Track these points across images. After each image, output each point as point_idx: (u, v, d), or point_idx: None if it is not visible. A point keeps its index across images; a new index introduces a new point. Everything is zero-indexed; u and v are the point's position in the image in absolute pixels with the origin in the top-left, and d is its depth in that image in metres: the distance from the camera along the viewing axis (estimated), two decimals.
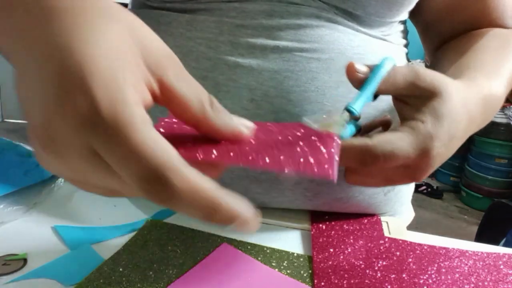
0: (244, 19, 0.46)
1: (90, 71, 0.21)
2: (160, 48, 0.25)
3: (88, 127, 0.21)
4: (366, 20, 0.50)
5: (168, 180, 0.21)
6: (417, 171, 0.36)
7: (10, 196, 0.49)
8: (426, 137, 0.34)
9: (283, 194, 0.50)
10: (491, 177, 2.65)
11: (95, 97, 0.21)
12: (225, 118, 0.27)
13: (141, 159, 0.21)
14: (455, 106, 0.36)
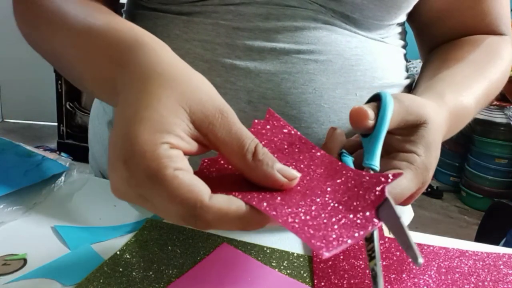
0: (241, 22, 0.46)
1: (135, 144, 0.28)
2: (208, 106, 0.30)
3: (132, 185, 0.28)
4: (364, 23, 0.49)
5: (199, 215, 0.27)
6: (409, 199, 0.39)
7: (10, 196, 0.49)
8: (423, 170, 0.37)
9: None
10: (491, 177, 2.65)
11: (133, 164, 0.28)
12: (265, 168, 0.30)
13: (177, 203, 0.27)
14: (436, 132, 0.39)
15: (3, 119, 3.22)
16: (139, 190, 0.28)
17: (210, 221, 0.27)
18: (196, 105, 0.29)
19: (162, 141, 0.27)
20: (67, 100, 2.68)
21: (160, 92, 0.29)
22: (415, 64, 3.10)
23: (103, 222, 0.48)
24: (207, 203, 0.27)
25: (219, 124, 0.30)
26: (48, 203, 0.51)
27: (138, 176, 0.27)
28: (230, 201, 0.28)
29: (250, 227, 0.28)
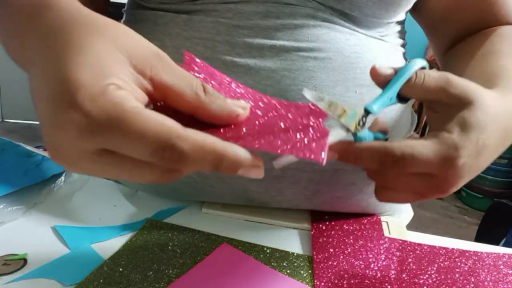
0: (240, 19, 0.46)
1: (78, 87, 0.25)
2: (146, 50, 0.28)
3: (87, 135, 0.25)
4: (362, 21, 0.49)
5: (175, 145, 0.25)
6: (444, 183, 0.35)
7: (10, 196, 0.49)
8: (450, 146, 0.33)
9: (282, 193, 0.50)
10: (491, 177, 2.65)
11: (85, 108, 0.24)
12: (219, 102, 0.29)
13: (148, 138, 0.24)
14: (486, 117, 0.35)
15: (3, 119, 3.22)
16: (98, 139, 0.25)
17: (185, 151, 0.25)
18: (133, 49, 0.28)
19: (107, 82, 0.25)
20: None
21: (90, 38, 0.27)
22: None
23: (103, 222, 0.48)
24: (183, 132, 0.25)
25: (162, 67, 0.28)
26: (48, 203, 0.51)
27: (95, 121, 0.24)
28: (206, 135, 0.26)
29: (225, 164, 0.26)
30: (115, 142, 0.25)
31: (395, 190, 0.36)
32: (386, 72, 0.36)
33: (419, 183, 0.35)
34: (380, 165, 0.33)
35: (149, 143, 0.25)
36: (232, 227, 0.49)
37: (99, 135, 0.25)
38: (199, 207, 0.52)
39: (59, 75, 0.25)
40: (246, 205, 0.52)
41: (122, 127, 0.24)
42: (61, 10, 0.30)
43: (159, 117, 0.25)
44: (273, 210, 0.52)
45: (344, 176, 0.49)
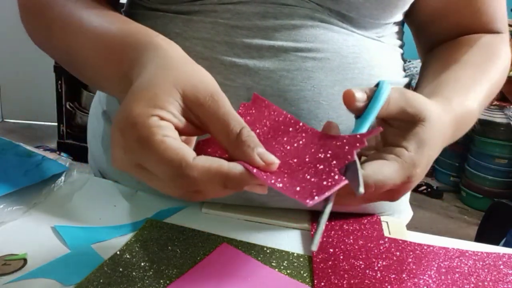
0: (239, 20, 0.46)
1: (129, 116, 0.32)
2: (199, 90, 0.33)
3: (127, 152, 0.32)
4: (360, 22, 0.50)
5: (185, 174, 0.30)
6: (396, 194, 0.39)
7: (10, 196, 0.49)
8: (410, 165, 0.37)
9: (281, 194, 0.50)
10: (491, 177, 2.64)
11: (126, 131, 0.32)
12: (245, 150, 0.32)
13: (163, 163, 0.30)
14: (434, 132, 0.39)
15: (3, 119, 3.22)
16: (133, 156, 0.32)
17: (196, 178, 0.30)
18: (189, 88, 0.33)
19: (152, 114, 0.31)
20: (67, 100, 2.67)
21: (159, 77, 0.34)
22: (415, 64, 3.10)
23: (103, 222, 0.48)
24: (190, 161, 0.30)
25: (209, 106, 0.33)
26: (48, 203, 0.51)
27: (131, 142, 0.31)
28: (212, 160, 0.31)
29: (231, 184, 0.31)
30: (144, 162, 0.32)
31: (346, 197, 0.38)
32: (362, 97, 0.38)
33: (377, 196, 0.39)
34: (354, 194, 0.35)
35: (166, 168, 0.30)
36: (232, 227, 0.49)
37: (132, 153, 0.32)
38: (199, 207, 0.52)
39: (126, 104, 0.33)
40: (246, 205, 0.52)
41: (147, 151, 0.31)
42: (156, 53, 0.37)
43: (179, 147, 0.31)
44: (273, 210, 0.52)
45: None
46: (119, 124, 0.32)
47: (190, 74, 0.34)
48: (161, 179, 0.32)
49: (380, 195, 0.39)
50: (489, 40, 0.56)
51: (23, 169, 0.54)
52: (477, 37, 0.56)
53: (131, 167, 0.33)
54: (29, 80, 3.04)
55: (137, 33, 0.40)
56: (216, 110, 0.33)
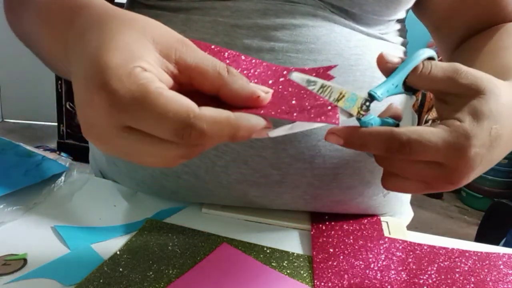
0: (239, 18, 0.46)
1: (107, 69, 0.27)
2: (170, 37, 0.30)
3: (114, 112, 0.27)
4: (363, 18, 0.49)
5: (194, 123, 0.27)
6: (454, 173, 0.34)
7: (10, 196, 0.49)
8: (460, 135, 0.32)
9: (281, 197, 0.50)
10: (491, 177, 2.64)
11: (112, 87, 0.27)
12: (241, 82, 0.30)
13: (169, 117, 0.26)
14: (499, 106, 0.33)
15: (3, 119, 3.22)
16: (124, 116, 0.27)
17: (205, 129, 0.27)
18: (159, 36, 0.30)
19: (134, 65, 0.27)
20: (67, 100, 2.67)
21: (121, 28, 0.30)
22: None
23: (103, 222, 0.48)
24: (199, 112, 0.27)
25: (186, 51, 0.30)
26: (48, 203, 0.51)
27: (121, 100, 0.27)
28: (218, 110, 0.28)
29: (241, 131, 0.29)
30: (139, 120, 0.27)
31: (403, 178, 0.35)
32: (393, 60, 0.35)
33: (428, 172, 0.34)
34: (386, 151, 0.33)
35: (169, 122, 0.27)
36: (232, 227, 0.49)
37: (125, 112, 0.27)
38: (199, 207, 0.52)
39: (93, 59, 0.28)
40: (246, 207, 0.52)
41: (145, 106, 0.26)
42: (97, 8, 0.33)
43: (179, 98, 0.27)
44: (273, 210, 0.52)
45: (344, 180, 0.49)
46: (95, 80, 0.27)
47: (152, 23, 0.31)
48: (155, 140, 0.28)
49: (435, 174, 0.34)
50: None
51: (23, 169, 0.54)
52: (507, 25, 0.53)
53: (114, 131, 0.28)
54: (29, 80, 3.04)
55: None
56: (195, 53, 0.30)
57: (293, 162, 0.47)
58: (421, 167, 0.34)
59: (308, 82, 0.32)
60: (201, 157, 0.47)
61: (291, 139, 0.46)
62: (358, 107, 0.33)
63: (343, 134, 0.34)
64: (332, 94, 0.32)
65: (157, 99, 0.26)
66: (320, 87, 0.32)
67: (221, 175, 0.48)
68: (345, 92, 0.33)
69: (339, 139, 0.33)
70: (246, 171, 0.47)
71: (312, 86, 0.32)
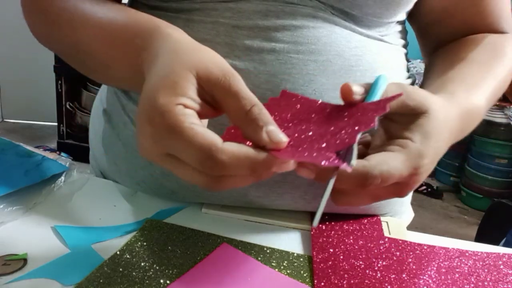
0: (240, 19, 0.46)
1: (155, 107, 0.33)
2: (211, 71, 0.34)
3: (158, 142, 0.33)
4: (363, 20, 0.49)
5: (215, 156, 0.31)
6: (404, 188, 0.38)
7: (10, 196, 0.49)
8: (416, 156, 0.36)
9: (282, 198, 0.50)
10: (491, 177, 2.64)
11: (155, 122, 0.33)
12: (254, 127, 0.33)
13: (194, 148, 0.31)
14: (439, 124, 0.38)
15: (3, 119, 3.22)
16: (162, 143, 0.33)
17: (225, 161, 0.31)
18: (202, 69, 0.34)
19: (177, 103, 0.32)
20: (67, 100, 2.67)
21: (174, 63, 0.35)
22: (415, 64, 3.09)
23: (103, 222, 0.48)
24: (220, 145, 0.31)
25: (222, 84, 0.34)
26: (48, 203, 0.51)
27: (161, 131, 0.32)
28: (240, 145, 0.32)
29: (260, 167, 0.32)
30: (174, 149, 0.33)
31: (354, 195, 0.39)
32: (359, 91, 0.38)
33: (380, 190, 0.38)
34: (359, 186, 0.36)
35: (195, 152, 0.31)
36: (232, 227, 0.49)
37: (161, 142, 0.33)
38: (199, 207, 0.52)
39: (148, 95, 0.34)
40: (246, 207, 0.52)
41: (177, 137, 0.32)
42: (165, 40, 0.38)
43: (207, 133, 0.32)
44: (273, 210, 0.52)
45: None
46: (147, 114, 0.33)
47: (201, 56, 0.35)
48: (188, 167, 0.33)
49: (388, 191, 0.38)
50: (495, 39, 0.55)
51: (23, 169, 0.54)
52: (482, 36, 0.56)
53: (159, 156, 0.34)
54: (29, 80, 3.04)
55: (142, 21, 0.41)
56: (229, 88, 0.33)
57: None
58: (379, 189, 0.37)
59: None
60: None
61: None
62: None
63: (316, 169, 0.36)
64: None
65: (188, 132, 0.31)
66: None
67: None
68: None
69: (311, 173, 0.36)
70: None
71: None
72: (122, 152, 0.54)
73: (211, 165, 0.31)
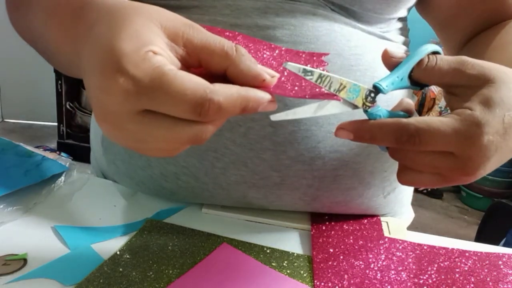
0: (238, 17, 0.46)
1: (123, 55, 0.28)
2: (178, 21, 0.31)
3: (133, 97, 0.28)
4: (363, 16, 0.49)
5: (211, 99, 0.28)
6: (468, 163, 0.33)
7: (10, 196, 0.49)
8: (471, 123, 0.32)
9: (281, 199, 0.50)
10: (491, 177, 2.64)
11: (130, 72, 0.28)
12: (248, 63, 0.31)
13: (187, 95, 0.28)
14: (507, 93, 0.33)
15: (3, 119, 3.22)
16: (142, 99, 0.28)
17: (221, 102, 0.28)
18: (166, 21, 0.31)
19: (146, 50, 0.28)
20: (67, 100, 2.67)
21: (129, 16, 0.31)
22: None
23: (103, 222, 0.48)
24: (213, 87, 0.28)
25: (193, 33, 0.31)
26: (48, 203, 0.51)
27: (140, 84, 0.28)
28: (228, 85, 0.30)
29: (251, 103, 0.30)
30: (158, 101, 0.28)
31: (417, 171, 0.35)
32: (397, 54, 0.36)
33: (441, 163, 0.33)
34: (396, 142, 0.33)
35: (188, 99, 0.28)
36: (232, 227, 0.49)
37: (144, 95, 0.28)
38: (199, 207, 0.52)
39: (107, 48, 0.29)
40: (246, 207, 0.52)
41: (164, 87, 0.28)
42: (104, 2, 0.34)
43: (193, 76, 0.29)
44: (273, 211, 0.52)
45: (344, 181, 0.49)
46: (112, 66, 0.28)
47: (159, 10, 0.32)
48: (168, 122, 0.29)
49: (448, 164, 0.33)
50: None
51: (23, 169, 0.54)
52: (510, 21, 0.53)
53: (131, 117, 0.29)
54: (29, 80, 3.04)
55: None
56: (203, 34, 0.31)
57: (293, 163, 0.47)
58: (434, 158, 0.33)
59: (305, 72, 0.32)
60: (200, 159, 0.47)
61: (291, 141, 0.46)
62: (363, 98, 0.33)
63: (352, 128, 0.34)
64: (332, 85, 0.32)
65: (174, 79, 0.28)
66: (318, 77, 0.32)
67: (220, 176, 0.48)
68: (346, 82, 0.33)
69: (349, 133, 0.34)
70: (246, 173, 0.47)
71: (310, 76, 0.32)
72: (121, 153, 0.54)
73: (208, 109, 0.28)
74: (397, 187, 0.55)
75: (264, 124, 0.45)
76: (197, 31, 0.31)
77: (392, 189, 0.54)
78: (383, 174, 0.51)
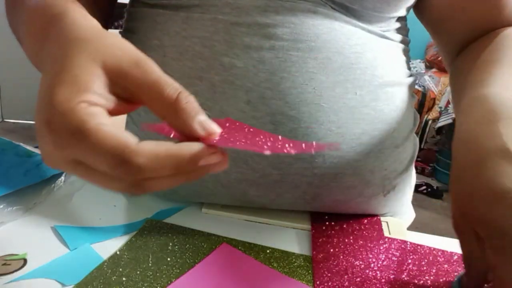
0: (239, 15, 0.46)
1: (52, 107, 0.28)
2: (124, 59, 0.30)
3: (59, 148, 0.28)
4: (364, 15, 0.49)
5: (129, 159, 0.26)
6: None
7: (10, 196, 0.49)
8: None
9: (281, 197, 0.50)
10: None
11: (55, 126, 0.28)
12: (185, 118, 0.29)
13: (105, 152, 0.26)
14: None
15: (3, 119, 3.22)
16: (66, 150, 0.28)
17: (141, 165, 0.26)
18: (111, 59, 0.29)
19: (79, 100, 0.28)
20: None
21: (74, 53, 0.30)
22: (415, 64, 3.09)
23: (103, 222, 0.48)
24: (135, 146, 0.27)
25: (137, 73, 0.29)
26: (48, 203, 0.51)
27: (63, 136, 0.27)
28: (159, 143, 0.27)
29: (184, 161, 0.27)
30: (82, 155, 0.28)
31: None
32: None
33: None
34: None
35: (106, 157, 0.27)
36: (232, 227, 0.49)
37: (67, 148, 0.28)
38: (199, 207, 0.52)
39: (44, 93, 0.29)
40: (246, 206, 0.52)
41: (83, 141, 0.27)
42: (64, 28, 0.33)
43: (118, 134, 0.27)
44: (273, 210, 0.52)
45: (344, 180, 0.49)
46: (43, 115, 0.28)
47: (106, 44, 0.30)
48: (102, 173, 0.28)
49: None
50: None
51: (23, 169, 0.54)
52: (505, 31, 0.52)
53: (65, 163, 0.29)
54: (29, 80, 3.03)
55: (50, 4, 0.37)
56: (145, 77, 0.29)
57: (293, 161, 0.47)
58: None
59: None
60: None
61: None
62: None
63: None
64: None
65: (95, 135, 0.27)
66: None
67: (221, 174, 0.48)
68: None
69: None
70: (246, 170, 0.47)
71: None
72: None
73: (127, 170, 0.27)
74: (397, 186, 0.55)
75: (264, 122, 0.45)
76: (142, 71, 0.29)
77: (392, 187, 0.54)
78: (383, 172, 0.51)
